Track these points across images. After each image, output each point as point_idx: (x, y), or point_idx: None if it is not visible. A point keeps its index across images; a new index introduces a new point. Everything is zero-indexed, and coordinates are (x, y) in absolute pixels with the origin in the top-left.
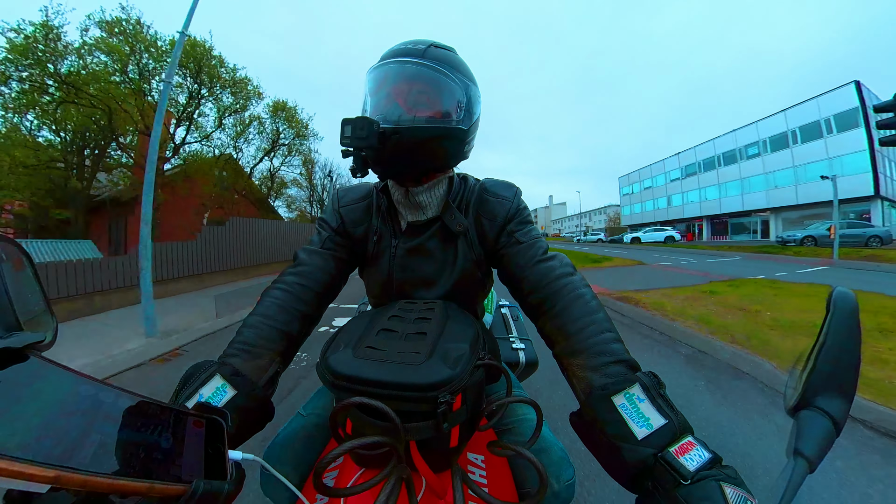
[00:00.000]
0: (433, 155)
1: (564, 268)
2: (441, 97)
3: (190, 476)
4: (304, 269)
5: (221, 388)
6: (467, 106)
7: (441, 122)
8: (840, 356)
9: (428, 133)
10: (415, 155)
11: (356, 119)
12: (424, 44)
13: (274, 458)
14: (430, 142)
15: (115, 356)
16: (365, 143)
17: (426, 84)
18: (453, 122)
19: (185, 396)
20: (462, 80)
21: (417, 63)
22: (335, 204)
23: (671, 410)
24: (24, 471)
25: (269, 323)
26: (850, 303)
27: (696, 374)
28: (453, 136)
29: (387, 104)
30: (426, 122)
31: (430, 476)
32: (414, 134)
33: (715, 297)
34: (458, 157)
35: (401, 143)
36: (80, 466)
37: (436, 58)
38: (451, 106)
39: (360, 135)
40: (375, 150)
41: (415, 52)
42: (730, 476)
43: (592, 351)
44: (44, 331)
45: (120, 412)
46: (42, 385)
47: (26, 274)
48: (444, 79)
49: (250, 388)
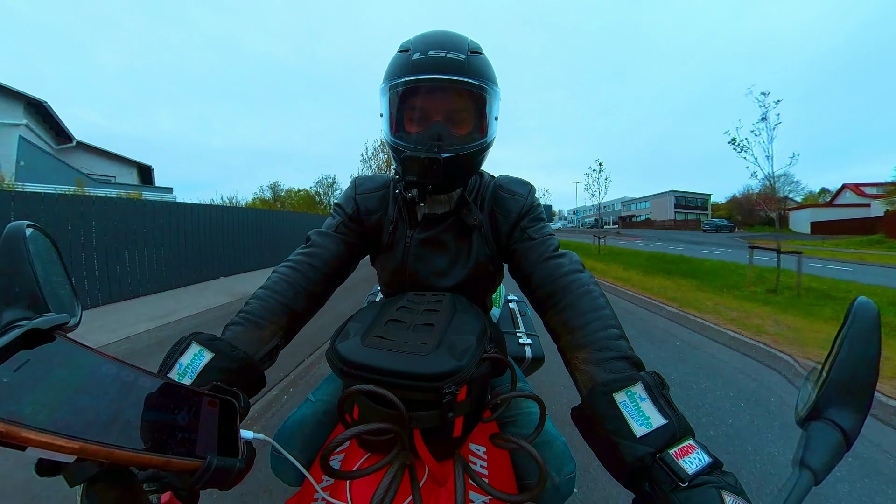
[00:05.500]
0: (476, 168)
1: (574, 265)
2: (483, 113)
3: (204, 452)
4: (314, 250)
5: (199, 354)
6: (498, 114)
7: (486, 140)
8: (856, 368)
9: (479, 154)
10: (464, 174)
11: (426, 160)
12: (462, 49)
13: (284, 439)
14: (476, 158)
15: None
16: (435, 181)
17: (472, 102)
18: (492, 135)
19: (167, 368)
20: (497, 91)
21: (466, 82)
22: (353, 191)
23: (672, 411)
24: (52, 442)
25: (276, 297)
26: (870, 313)
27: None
28: (491, 146)
29: (432, 125)
30: (471, 140)
31: (432, 464)
32: (467, 157)
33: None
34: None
35: (457, 165)
36: (103, 440)
37: (477, 71)
38: (491, 119)
39: (431, 173)
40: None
41: (458, 67)
42: (729, 483)
43: (596, 346)
44: (69, 313)
45: (140, 391)
46: (68, 364)
47: (52, 258)
48: (487, 95)
49: (229, 350)
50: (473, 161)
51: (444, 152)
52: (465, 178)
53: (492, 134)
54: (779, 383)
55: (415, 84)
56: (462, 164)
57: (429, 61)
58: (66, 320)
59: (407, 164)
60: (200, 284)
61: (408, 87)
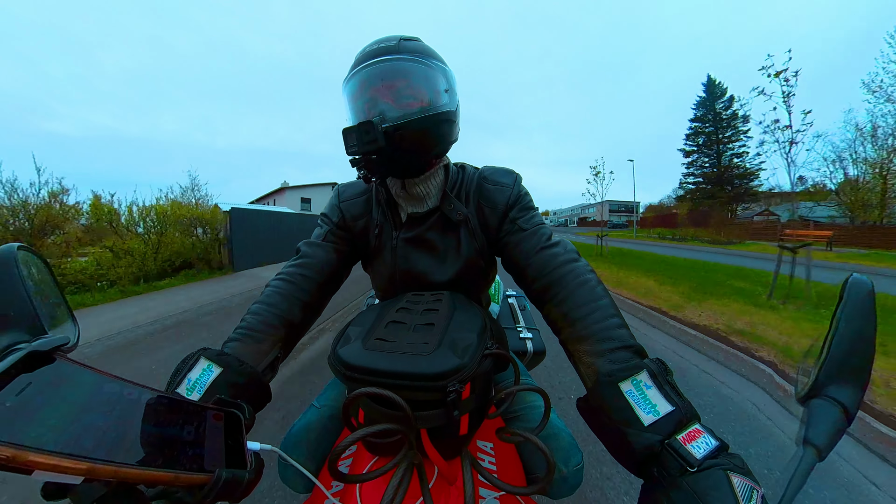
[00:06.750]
0: (434, 143)
1: (568, 254)
2: (427, 86)
3: (212, 465)
4: (305, 261)
5: (207, 369)
6: (449, 87)
7: (433, 109)
8: (853, 345)
9: (427, 122)
10: (418, 146)
11: (358, 126)
12: (394, 39)
13: (290, 448)
14: (429, 130)
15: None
16: (374, 146)
17: (410, 76)
18: (443, 107)
19: (175, 384)
20: (438, 65)
21: (397, 59)
22: (336, 199)
23: (678, 397)
24: (59, 463)
25: (271, 310)
26: (864, 289)
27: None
28: (447, 118)
29: (377, 106)
30: (420, 112)
31: (440, 463)
32: (415, 126)
33: None
34: (451, 140)
35: (404, 137)
36: (110, 459)
37: (411, 50)
38: (438, 91)
39: (367, 139)
40: (383, 150)
41: (390, 50)
42: (737, 465)
43: (598, 337)
44: (67, 333)
45: (144, 408)
46: (70, 385)
47: (45, 279)
48: (425, 68)
49: (237, 364)
50: (426, 132)
51: (386, 123)
52: (422, 153)
53: (442, 105)
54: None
55: (354, 75)
56: (412, 137)
57: (363, 55)
58: (66, 341)
59: (346, 137)
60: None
61: (353, 83)
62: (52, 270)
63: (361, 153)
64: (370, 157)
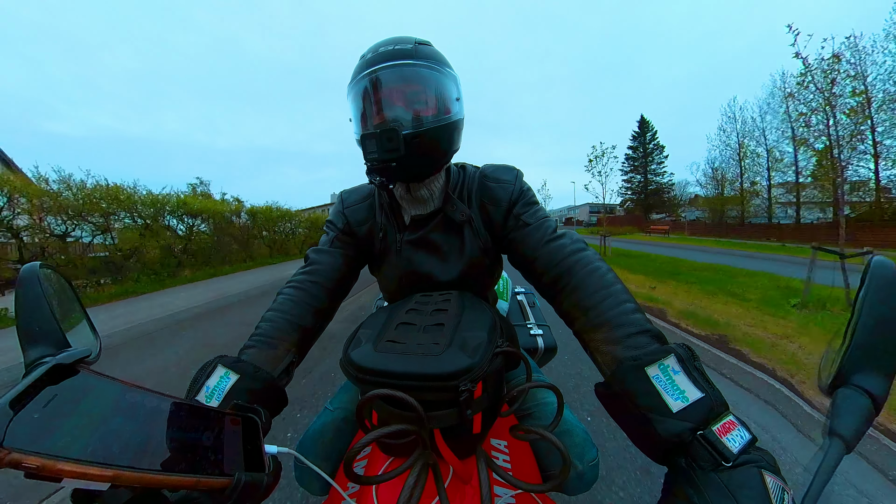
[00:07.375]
0: (445, 151)
1: (575, 244)
2: (441, 93)
3: (232, 469)
4: (314, 268)
5: (225, 376)
6: (459, 96)
7: (447, 117)
8: (878, 330)
9: (441, 131)
10: (431, 154)
11: (381, 132)
12: (409, 42)
13: (306, 450)
14: (442, 139)
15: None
16: (396, 154)
17: (428, 84)
18: (455, 115)
19: (195, 392)
20: (451, 73)
21: (415, 64)
22: (340, 205)
23: (707, 384)
24: (86, 471)
25: (284, 317)
26: (889, 271)
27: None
28: (458, 127)
29: (392, 110)
30: (435, 120)
31: (455, 462)
32: (431, 134)
33: None
34: (458, 147)
35: (420, 145)
36: (134, 465)
37: (427, 55)
38: (451, 99)
39: (389, 146)
40: (402, 157)
41: (407, 54)
42: (769, 463)
43: (614, 323)
44: (90, 346)
45: (164, 415)
46: (93, 395)
47: (67, 295)
48: (441, 76)
49: (253, 371)
50: (440, 141)
51: (405, 130)
52: (434, 160)
53: (454, 114)
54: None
55: (369, 76)
56: (427, 145)
57: (378, 55)
58: (88, 353)
59: (365, 143)
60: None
61: (366, 84)
62: (73, 286)
63: (381, 160)
64: (390, 164)
